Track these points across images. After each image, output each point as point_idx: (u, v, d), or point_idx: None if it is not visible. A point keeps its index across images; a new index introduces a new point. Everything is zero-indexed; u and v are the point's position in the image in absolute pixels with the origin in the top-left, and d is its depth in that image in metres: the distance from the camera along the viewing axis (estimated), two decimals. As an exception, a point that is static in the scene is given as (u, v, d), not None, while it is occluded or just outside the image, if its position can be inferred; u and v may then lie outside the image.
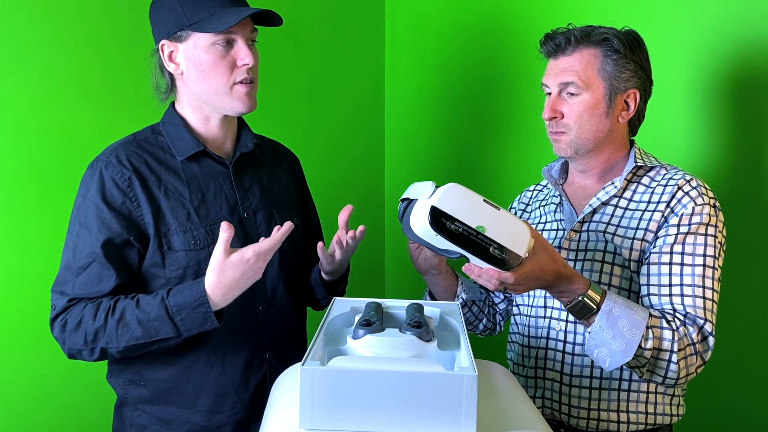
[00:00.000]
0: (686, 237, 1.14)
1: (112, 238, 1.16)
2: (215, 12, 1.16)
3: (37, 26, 1.58)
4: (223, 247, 1.07)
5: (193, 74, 1.20)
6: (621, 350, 1.06)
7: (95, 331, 1.13)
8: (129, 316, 1.12)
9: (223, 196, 1.25)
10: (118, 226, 1.16)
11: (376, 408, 0.78)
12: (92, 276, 1.15)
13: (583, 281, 1.09)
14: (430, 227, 0.95)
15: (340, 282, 1.41)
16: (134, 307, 1.12)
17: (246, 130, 1.33)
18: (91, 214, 1.16)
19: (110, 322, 1.12)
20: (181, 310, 1.11)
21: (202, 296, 1.10)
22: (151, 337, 1.12)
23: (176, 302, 1.11)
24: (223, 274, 1.08)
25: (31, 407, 1.61)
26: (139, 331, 1.12)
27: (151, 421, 1.23)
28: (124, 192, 1.17)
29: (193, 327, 1.12)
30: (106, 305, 1.13)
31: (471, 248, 0.97)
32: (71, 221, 1.20)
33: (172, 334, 1.12)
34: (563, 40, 1.21)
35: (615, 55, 1.18)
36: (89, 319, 1.13)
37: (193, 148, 1.23)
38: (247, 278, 1.10)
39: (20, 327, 1.59)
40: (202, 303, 1.10)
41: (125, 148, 1.22)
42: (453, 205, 0.96)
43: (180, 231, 1.19)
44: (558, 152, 1.25)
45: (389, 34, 2.37)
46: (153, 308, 1.11)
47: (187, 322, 1.11)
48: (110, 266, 1.15)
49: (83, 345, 1.14)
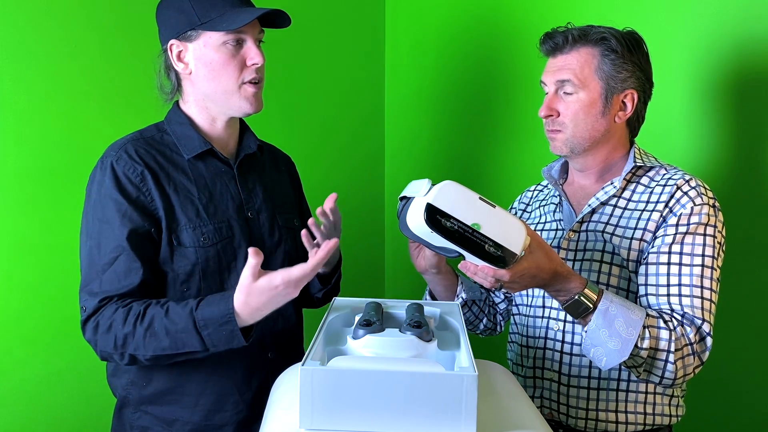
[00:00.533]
0: (685, 237, 1.14)
1: (135, 229, 1.15)
2: (226, 11, 1.18)
3: (36, 26, 1.58)
4: (250, 271, 1.04)
5: (203, 73, 1.20)
6: (617, 349, 1.06)
7: (124, 337, 1.11)
8: (157, 325, 1.10)
9: (228, 196, 1.26)
10: (140, 218, 1.15)
11: (376, 408, 0.78)
12: (119, 270, 1.14)
13: (580, 280, 1.09)
14: (425, 224, 0.95)
15: (333, 273, 1.41)
16: (163, 315, 1.10)
17: (248, 132, 1.34)
18: (111, 208, 1.15)
19: (138, 329, 1.10)
20: (209, 324, 1.08)
21: (229, 314, 1.07)
22: (178, 349, 1.10)
23: (204, 316, 1.08)
24: (250, 297, 1.06)
25: (29, 408, 1.61)
26: (166, 342, 1.10)
27: (153, 422, 1.22)
28: (137, 186, 1.17)
29: (220, 343, 1.09)
30: (137, 310, 1.11)
31: (467, 245, 0.97)
32: (87, 220, 1.19)
33: (198, 347, 1.10)
34: (561, 38, 1.21)
35: (612, 55, 1.18)
36: (119, 324, 1.11)
37: (201, 147, 1.24)
38: (276, 302, 1.07)
39: (20, 327, 1.59)
40: (228, 320, 1.07)
41: (134, 143, 1.22)
42: (448, 203, 0.96)
43: (190, 227, 1.19)
44: (554, 150, 1.25)
45: (389, 34, 2.37)
46: (182, 319, 1.09)
47: (213, 337, 1.09)
48: (137, 258, 1.14)
49: (113, 349, 1.13)
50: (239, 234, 1.24)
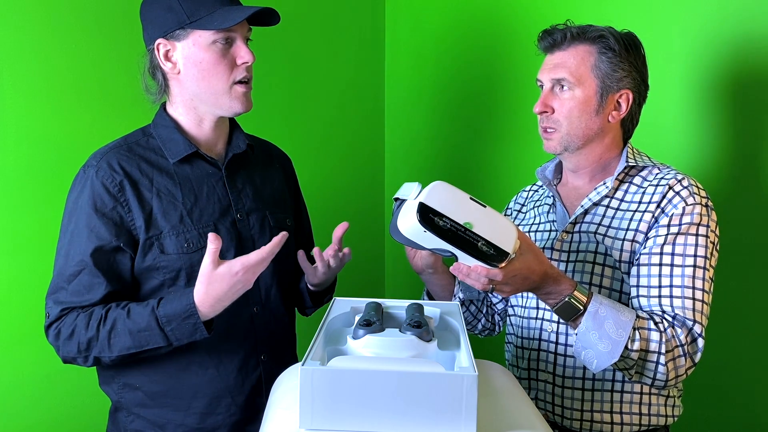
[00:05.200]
0: (676, 237, 1.14)
1: (101, 246, 1.15)
2: (216, 10, 1.16)
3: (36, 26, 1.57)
4: (210, 258, 1.07)
5: (192, 73, 1.19)
6: (607, 351, 1.06)
7: (88, 341, 1.14)
8: (120, 327, 1.12)
9: (215, 198, 1.24)
10: (108, 234, 1.16)
11: (376, 408, 0.78)
12: (83, 284, 1.15)
13: (570, 282, 1.09)
14: (419, 225, 0.96)
15: (326, 293, 1.41)
16: (125, 317, 1.13)
17: (238, 131, 1.32)
18: (82, 222, 1.16)
19: (102, 332, 1.13)
20: (171, 320, 1.11)
21: (190, 307, 1.10)
22: (142, 347, 1.13)
23: (166, 312, 1.11)
24: (211, 286, 1.08)
25: (24, 409, 1.60)
26: (130, 341, 1.13)
27: (146, 426, 1.22)
28: (114, 197, 1.17)
29: (183, 337, 1.13)
30: (98, 315, 1.14)
31: (459, 244, 0.97)
32: (62, 226, 1.20)
33: (162, 343, 1.13)
34: (560, 35, 1.21)
35: (610, 53, 1.19)
36: (82, 329, 1.14)
37: (186, 150, 1.22)
38: (235, 290, 1.09)
39: (19, 328, 1.58)
40: (191, 314, 1.10)
41: (116, 152, 1.21)
42: (440, 202, 0.97)
43: (173, 234, 1.19)
44: (547, 149, 1.25)
45: (389, 34, 2.37)
46: (144, 318, 1.12)
47: (177, 332, 1.12)
48: (100, 274, 1.15)
49: (77, 353, 1.15)
50: (226, 238, 1.23)
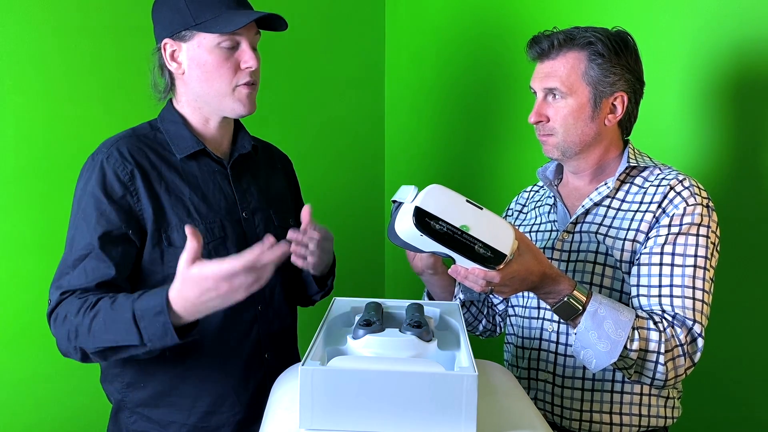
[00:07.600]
0: (677, 237, 1.14)
1: (109, 231, 1.13)
2: (222, 13, 1.16)
3: (35, 26, 1.58)
4: (186, 255, 0.96)
5: (195, 74, 1.19)
6: (606, 351, 1.06)
7: (76, 328, 1.06)
8: (102, 316, 1.04)
9: (222, 196, 1.25)
10: (117, 219, 1.13)
11: (376, 408, 0.78)
12: (88, 268, 1.11)
13: (569, 282, 1.09)
14: (415, 228, 0.96)
15: (329, 275, 1.40)
16: (109, 306, 1.04)
17: (243, 132, 1.33)
18: (91, 206, 1.14)
19: (86, 318, 1.05)
20: (144, 315, 1.01)
21: (162, 303, 0.99)
22: (118, 342, 1.03)
23: (141, 305, 1.01)
24: (184, 286, 0.98)
25: (25, 410, 1.60)
26: (106, 334, 1.03)
27: (149, 426, 1.21)
28: (125, 185, 1.16)
29: (155, 338, 1.01)
30: (90, 301, 1.06)
31: (456, 247, 0.97)
32: (72, 214, 1.18)
33: (136, 341, 1.02)
34: (547, 44, 1.20)
35: (600, 59, 1.18)
36: (72, 315, 1.07)
37: (193, 147, 1.23)
38: (209, 298, 0.97)
39: (19, 328, 1.59)
40: (161, 311, 0.99)
41: (126, 141, 1.20)
42: (436, 205, 0.97)
43: (180, 227, 1.18)
44: (546, 153, 1.26)
45: (389, 34, 2.37)
46: (124, 309, 1.02)
47: (149, 330, 1.01)
48: (107, 259, 1.11)
49: (68, 342, 1.08)
50: (232, 234, 1.23)
